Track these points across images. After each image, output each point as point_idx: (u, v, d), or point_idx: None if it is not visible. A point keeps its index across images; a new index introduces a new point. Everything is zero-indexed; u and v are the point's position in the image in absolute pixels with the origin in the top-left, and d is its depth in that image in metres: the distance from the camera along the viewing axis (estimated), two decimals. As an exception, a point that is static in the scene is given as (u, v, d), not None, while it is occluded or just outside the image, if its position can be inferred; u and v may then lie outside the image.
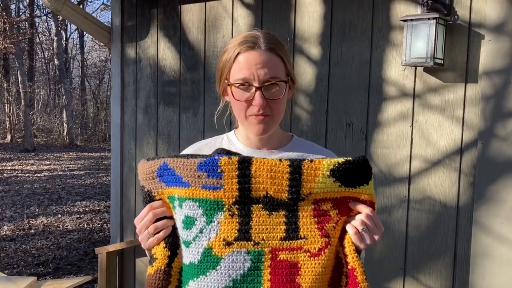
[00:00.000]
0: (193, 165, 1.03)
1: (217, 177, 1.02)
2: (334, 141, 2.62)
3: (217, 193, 1.03)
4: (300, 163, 1.02)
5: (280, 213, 1.03)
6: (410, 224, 2.42)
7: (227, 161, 1.02)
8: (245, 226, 1.02)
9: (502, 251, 2.15)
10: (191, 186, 1.04)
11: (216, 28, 3.07)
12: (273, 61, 1.12)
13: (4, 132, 17.61)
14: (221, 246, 1.02)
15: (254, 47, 1.11)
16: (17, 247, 5.75)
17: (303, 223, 1.03)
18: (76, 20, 3.47)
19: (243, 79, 1.11)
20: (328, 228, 1.04)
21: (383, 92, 2.47)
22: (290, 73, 1.17)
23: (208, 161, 1.02)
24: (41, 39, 21.35)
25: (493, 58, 2.14)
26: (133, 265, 3.62)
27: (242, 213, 1.02)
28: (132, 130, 3.56)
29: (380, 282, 2.51)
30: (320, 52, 2.66)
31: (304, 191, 1.02)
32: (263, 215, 1.03)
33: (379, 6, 2.46)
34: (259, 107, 1.11)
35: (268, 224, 1.03)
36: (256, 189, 1.02)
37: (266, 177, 1.02)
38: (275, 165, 1.02)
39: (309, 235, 1.03)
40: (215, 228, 1.02)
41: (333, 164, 1.02)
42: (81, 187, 9.27)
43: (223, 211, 1.03)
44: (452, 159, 2.30)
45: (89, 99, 21.49)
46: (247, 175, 1.02)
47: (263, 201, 1.03)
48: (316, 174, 1.02)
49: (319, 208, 1.04)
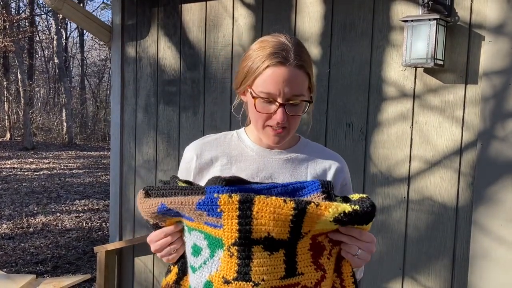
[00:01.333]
0: (191, 205, 0.99)
1: (217, 216, 0.98)
2: (334, 141, 2.63)
3: (218, 231, 1.00)
4: (305, 206, 0.97)
5: (280, 253, 1.00)
6: (409, 225, 2.42)
7: (227, 200, 0.97)
8: (245, 268, 0.99)
9: (501, 252, 2.15)
10: (195, 220, 1.03)
11: (216, 28, 3.07)
12: (300, 79, 1.10)
13: (4, 131, 17.59)
14: (220, 283, 1.00)
15: (285, 63, 1.09)
16: (15, 246, 5.75)
17: (301, 259, 1.01)
18: (76, 19, 3.47)
19: (268, 94, 1.10)
20: (323, 261, 1.03)
21: (383, 93, 2.48)
22: (312, 88, 1.17)
23: (207, 200, 0.98)
24: (41, 37, 21.34)
25: (493, 59, 2.15)
26: (131, 264, 3.62)
27: (241, 255, 0.99)
28: (132, 129, 3.56)
29: (379, 283, 2.51)
30: (320, 52, 2.66)
31: (305, 229, 1.00)
32: (263, 256, 0.99)
33: (380, 7, 2.46)
34: (280, 122, 1.11)
35: (269, 265, 0.99)
36: (257, 230, 0.97)
37: (269, 218, 0.97)
38: (279, 207, 0.96)
39: (306, 270, 1.01)
40: (216, 263, 1.01)
41: (339, 213, 0.97)
42: (80, 185, 9.27)
43: (223, 249, 1.00)
44: (451, 159, 2.30)
45: (88, 98, 21.48)
46: (248, 216, 0.97)
47: (264, 242, 0.98)
48: (319, 218, 0.98)
49: (315, 241, 1.03)
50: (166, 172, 3.38)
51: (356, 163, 2.55)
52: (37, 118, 18.15)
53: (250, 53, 1.14)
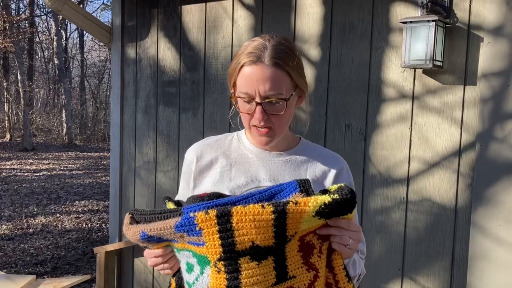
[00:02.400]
0: (170, 229, 0.98)
1: (197, 235, 0.96)
2: (333, 142, 2.63)
3: (201, 249, 0.98)
4: (284, 208, 0.95)
5: (269, 260, 0.98)
6: (408, 226, 2.43)
7: (204, 218, 0.95)
8: (234, 281, 0.97)
9: (500, 253, 2.16)
10: (179, 242, 1.02)
11: (216, 29, 3.08)
12: (276, 77, 1.09)
13: (3, 131, 17.59)
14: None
15: (257, 62, 1.09)
16: (15, 246, 5.75)
17: (291, 262, 1.00)
18: (76, 20, 3.48)
19: (245, 93, 1.11)
20: (314, 260, 1.02)
21: (382, 94, 2.48)
22: (299, 84, 1.15)
23: (183, 221, 0.96)
24: (41, 38, 21.35)
25: (492, 60, 2.15)
26: (131, 265, 3.62)
27: (229, 269, 0.97)
28: (131, 130, 3.57)
29: (378, 283, 2.52)
30: (319, 53, 2.67)
31: (290, 232, 0.98)
32: (252, 266, 0.96)
33: (379, 8, 2.47)
34: (258, 122, 1.12)
35: (258, 275, 0.97)
36: (241, 241, 0.95)
37: (250, 227, 0.95)
38: (257, 214, 0.94)
39: (297, 273, 1.00)
40: (205, 280, 1.00)
41: (319, 205, 0.96)
42: (79, 186, 9.27)
43: (210, 266, 0.98)
44: (450, 161, 2.31)
45: (88, 99, 21.49)
46: (228, 228, 0.95)
47: (250, 252, 0.96)
48: (302, 216, 0.96)
49: (303, 241, 1.02)
50: (166, 173, 3.38)
51: (355, 164, 2.55)
52: (37, 119, 18.15)
53: (235, 55, 1.17)
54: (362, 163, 2.54)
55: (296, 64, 1.13)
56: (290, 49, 1.13)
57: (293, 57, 1.12)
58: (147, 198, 3.50)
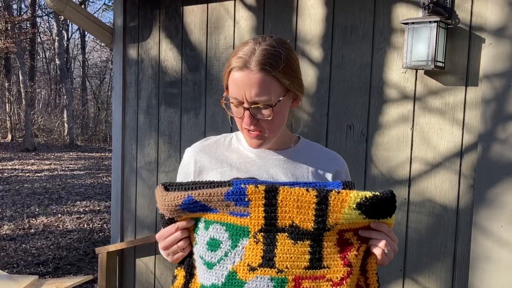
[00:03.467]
0: (220, 196, 1.04)
1: (245, 206, 1.04)
2: (335, 143, 2.63)
3: (244, 219, 1.04)
4: (327, 194, 1.02)
5: (305, 243, 1.03)
6: (410, 226, 2.43)
7: (254, 190, 1.03)
8: (270, 254, 1.03)
9: (501, 254, 2.16)
10: (219, 212, 1.06)
11: (218, 30, 3.08)
12: (263, 83, 1.07)
13: (5, 132, 17.62)
14: (245, 271, 1.04)
15: (243, 68, 1.08)
16: (17, 247, 5.76)
17: (327, 253, 1.04)
18: (78, 21, 3.48)
19: (234, 98, 1.12)
20: (351, 257, 1.05)
21: (384, 95, 2.48)
22: (290, 88, 1.12)
23: (235, 190, 1.04)
24: (42, 39, 21.38)
25: (494, 61, 2.15)
26: (133, 265, 3.63)
27: (267, 241, 1.04)
28: (133, 130, 3.57)
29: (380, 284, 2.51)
30: (321, 54, 2.67)
31: (330, 221, 1.03)
32: (288, 243, 1.03)
33: (381, 9, 2.47)
34: (247, 126, 1.13)
35: (292, 253, 1.03)
36: (282, 218, 1.03)
37: (292, 206, 1.03)
38: (302, 195, 1.02)
39: (332, 264, 1.04)
40: (239, 253, 1.04)
41: (360, 197, 1.02)
42: (81, 187, 9.28)
43: (249, 237, 1.04)
44: (452, 161, 2.31)
45: (90, 99, 21.52)
46: (273, 204, 1.03)
47: (289, 230, 1.03)
48: (343, 206, 1.02)
49: (343, 238, 1.05)
50: (168, 174, 3.39)
51: (357, 165, 2.55)
52: (38, 120, 18.17)
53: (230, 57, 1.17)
54: (363, 164, 2.55)
55: (287, 67, 1.10)
56: (280, 53, 1.09)
57: (282, 61, 1.09)
58: (148, 199, 3.50)
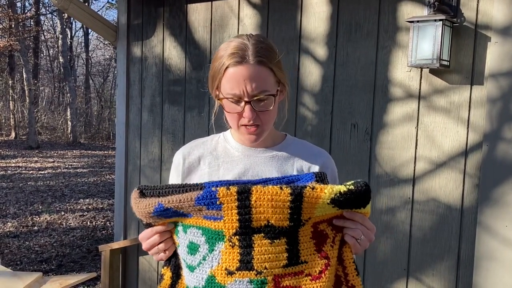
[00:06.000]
0: (190, 201, 1.01)
1: (217, 209, 1.01)
2: (339, 141, 2.63)
3: (218, 223, 1.02)
4: (301, 191, 1.00)
5: (282, 240, 1.02)
6: (414, 225, 2.42)
7: (226, 193, 1.00)
8: (247, 257, 1.01)
9: (506, 254, 2.15)
10: (193, 216, 1.04)
11: (222, 28, 3.08)
12: (261, 75, 1.12)
13: (9, 129, 17.67)
14: (224, 275, 1.02)
15: (242, 62, 1.11)
16: (20, 244, 5.77)
17: (303, 247, 1.03)
18: (82, 18, 3.48)
19: (233, 94, 1.13)
20: (327, 248, 1.05)
21: (389, 93, 2.48)
22: (281, 79, 1.18)
23: (205, 194, 1.00)
24: (46, 37, 21.42)
25: (500, 60, 2.14)
26: (136, 262, 3.63)
27: (243, 243, 1.01)
28: (137, 128, 3.58)
29: (383, 283, 2.51)
30: (326, 52, 2.67)
31: (305, 216, 1.02)
32: (264, 244, 1.01)
33: (386, 7, 2.46)
34: (249, 120, 1.13)
35: (270, 253, 1.01)
36: (257, 219, 1.00)
37: (267, 206, 1.00)
38: (276, 194, 0.99)
39: (309, 259, 1.03)
40: (216, 257, 1.03)
41: (334, 193, 1.00)
42: (84, 184, 9.30)
43: (224, 241, 1.02)
44: (457, 161, 2.30)
45: (93, 97, 21.55)
46: (247, 205, 1.00)
47: (264, 230, 1.01)
48: (317, 202, 1.00)
49: (317, 230, 1.04)
50: (171, 172, 3.39)
51: (361, 163, 2.55)
52: (42, 117, 18.22)
53: (215, 57, 1.18)
54: (368, 162, 2.54)
55: (277, 59, 1.16)
56: (270, 47, 1.16)
57: (275, 54, 1.16)
58: (152, 197, 3.50)
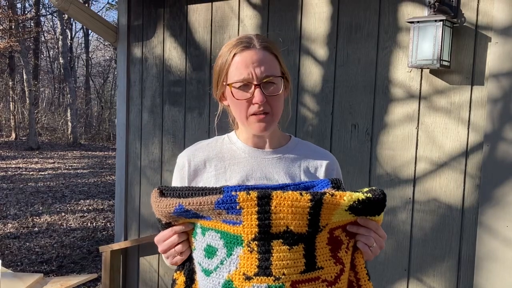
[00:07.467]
0: (210, 205, 1.01)
1: (237, 214, 1.00)
2: (339, 142, 2.63)
3: (237, 228, 1.01)
4: (321, 197, 1.00)
5: (300, 247, 1.01)
6: (415, 226, 2.42)
7: (246, 197, 1.00)
8: (265, 262, 1.00)
9: (507, 254, 2.15)
10: (213, 219, 1.04)
11: (222, 29, 3.08)
12: (268, 59, 1.15)
13: (9, 130, 17.68)
14: (241, 280, 1.01)
15: (250, 47, 1.15)
16: (21, 245, 5.77)
17: (319, 253, 1.03)
18: (83, 19, 3.49)
19: (242, 79, 1.14)
20: (341, 254, 1.05)
21: (389, 94, 2.48)
22: (285, 72, 1.21)
23: (225, 198, 1.00)
24: (46, 37, 21.43)
25: (500, 60, 2.14)
26: (136, 263, 3.63)
27: (261, 249, 1.00)
28: (137, 129, 3.58)
29: (384, 284, 2.51)
30: (326, 53, 2.67)
31: (322, 222, 1.02)
32: (283, 250, 1.00)
33: (386, 8, 2.46)
34: (259, 103, 1.13)
35: (288, 259, 1.00)
36: (276, 224, 1.00)
37: (287, 212, 0.99)
38: (296, 200, 0.99)
39: (325, 265, 1.03)
40: (234, 261, 1.02)
41: (353, 200, 1.01)
42: (84, 185, 9.30)
43: (242, 246, 1.01)
44: (457, 161, 2.30)
45: (93, 98, 21.55)
46: (267, 211, 0.99)
47: (283, 236, 1.00)
48: (336, 208, 1.01)
49: (333, 236, 1.05)
50: (172, 173, 3.38)
51: (362, 164, 2.55)
52: (42, 118, 18.22)
53: (219, 55, 1.21)
54: (368, 163, 2.54)
55: (280, 52, 1.21)
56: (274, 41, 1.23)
57: (278, 46, 1.21)
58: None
